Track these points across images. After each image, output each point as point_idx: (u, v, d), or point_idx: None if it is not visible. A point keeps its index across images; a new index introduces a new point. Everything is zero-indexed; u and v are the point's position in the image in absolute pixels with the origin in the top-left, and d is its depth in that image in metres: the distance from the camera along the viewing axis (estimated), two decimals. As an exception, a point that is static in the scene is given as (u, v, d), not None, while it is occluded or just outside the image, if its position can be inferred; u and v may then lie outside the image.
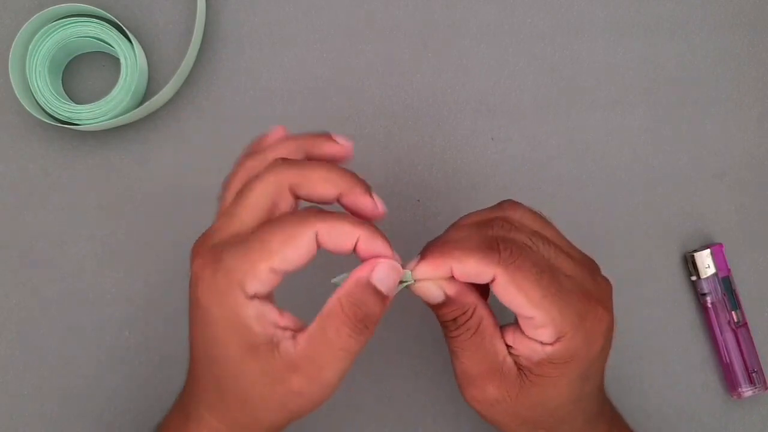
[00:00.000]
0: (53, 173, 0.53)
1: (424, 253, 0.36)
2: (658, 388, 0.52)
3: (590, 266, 0.38)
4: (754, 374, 0.51)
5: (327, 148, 0.37)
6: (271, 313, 0.33)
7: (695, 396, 0.52)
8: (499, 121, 0.54)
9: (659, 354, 0.52)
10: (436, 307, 0.36)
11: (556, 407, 0.37)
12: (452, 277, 0.35)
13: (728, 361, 0.52)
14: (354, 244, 0.34)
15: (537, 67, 0.54)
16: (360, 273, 0.34)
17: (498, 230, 0.36)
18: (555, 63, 0.54)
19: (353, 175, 0.36)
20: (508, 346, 0.37)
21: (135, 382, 0.51)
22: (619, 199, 0.53)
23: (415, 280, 0.35)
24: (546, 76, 0.54)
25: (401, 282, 0.35)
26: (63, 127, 0.51)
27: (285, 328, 0.34)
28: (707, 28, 0.55)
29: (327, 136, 0.37)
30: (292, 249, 0.33)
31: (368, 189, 0.35)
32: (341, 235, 0.33)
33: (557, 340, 0.35)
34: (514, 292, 0.34)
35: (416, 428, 0.52)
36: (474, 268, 0.34)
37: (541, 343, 0.35)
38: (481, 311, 0.36)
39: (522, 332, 0.36)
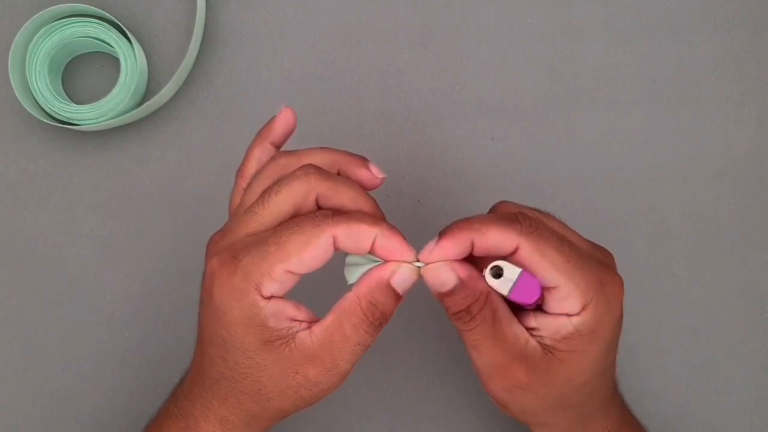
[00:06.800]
0: (53, 173, 0.53)
1: (443, 232, 0.36)
2: (659, 388, 0.52)
3: (592, 241, 0.39)
4: (754, 374, 0.51)
5: (360, 174, 0.38)
6: (287, 309, 0.34)
7: (696, 396, 0.52)
8: (499, 121, 0.54)
9: (659, 354, 0.52)
10: (447, 295, 0.36)
11: (584, 382, 0.37)
12: (463, 261, 0.35)
13: (728, 361, 0.52)
14: (371, 243, 0.34)
15: (537, 67, 0.54)
16: (382, 274, 0.35)
17: (512, 208, 0.37)
18: (555, 63, 0.54)
19: (377, 206, 0.36)
20: (530, 329, 0.37)
21: (135, 382, 0.51)
22: (619, 199, 0.53)
23: (425, 264, 0.35)
24: (546, 76, 0.54)
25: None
26: (63, 127, 0.51)
27: (301, 321, 0.35)
28: (707, 28, 0.55)
29: (363, 161, 0.38)
30: (309, 252, 0.33)
31: (393, 230, 0.35)
32: (358, 237, 0.34)
33: (583, 308, 0.35)
34: (538, 260, 0.34)
35: (416, 428, 0.52)
36: (496, 238, 0.34)
37: (568, 315, 0.35)
38: (494, 298, 0.36)
39: (544, 312, 0.36)
